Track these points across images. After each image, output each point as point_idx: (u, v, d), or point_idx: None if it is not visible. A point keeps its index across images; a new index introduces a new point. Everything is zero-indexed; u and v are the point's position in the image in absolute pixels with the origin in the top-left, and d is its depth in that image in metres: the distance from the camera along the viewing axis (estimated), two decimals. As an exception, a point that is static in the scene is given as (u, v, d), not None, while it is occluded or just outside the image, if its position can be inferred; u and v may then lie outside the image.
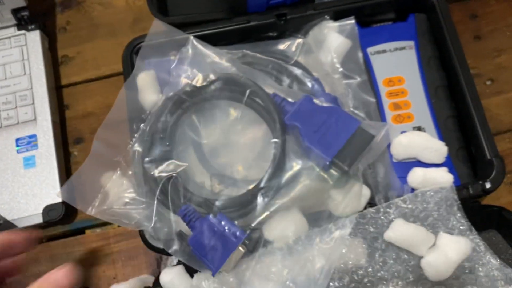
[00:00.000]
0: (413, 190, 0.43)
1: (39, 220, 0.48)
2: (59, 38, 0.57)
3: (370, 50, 0.50)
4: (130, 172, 0.44)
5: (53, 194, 0.48)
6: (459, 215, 0.42)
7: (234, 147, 0.46)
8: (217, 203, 0.41)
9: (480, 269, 0.40)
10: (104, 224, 0.51)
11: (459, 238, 0.40)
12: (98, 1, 0.59)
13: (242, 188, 0.44)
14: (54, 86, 0.54)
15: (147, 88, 0.46)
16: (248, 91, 0.44)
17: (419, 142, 0.44)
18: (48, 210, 0.48)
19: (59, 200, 0.48)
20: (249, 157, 0.46)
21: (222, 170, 0.45)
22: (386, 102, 0.48)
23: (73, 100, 0.54)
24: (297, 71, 0.47)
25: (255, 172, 0.45)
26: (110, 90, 0.54)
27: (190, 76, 0.46)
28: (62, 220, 0.49)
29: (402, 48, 0.50)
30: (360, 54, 0.48)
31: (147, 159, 0.43)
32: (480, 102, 0.45)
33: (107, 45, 0.56)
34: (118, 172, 0.44)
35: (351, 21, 0.49)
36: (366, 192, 0.43)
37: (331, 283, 0.40)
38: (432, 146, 0.44)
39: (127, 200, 0.43)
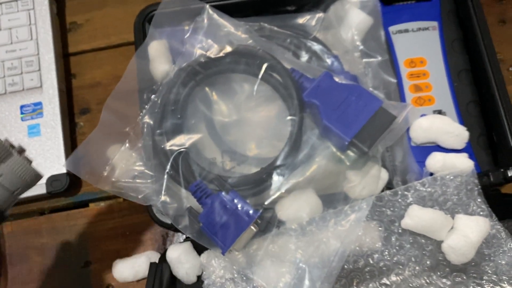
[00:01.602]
0: (431, 175, 0.42)
1: (42, 190, 0.46)
2: (67, 4, 0.55)
3: (392, 29, 0.48)
4: (140, 145, 0.42)
5: (58, 164, 0.47)
6: (479, 200, 0.40)
7: (247, 124, 0.44)
8: (230, 180, 0.39)
9: (501, 256, 0.39)
10: (109, 197, 0.49)
11: (477, 217, 0.39)
12: (109, -33, 0.57)
13: (254, 166, 0.43)
14: (61, 53, 0.52)
15: (159, 57, 0.44)
16: (265, 65, 0.42)
17: (440, 126, 0.43)
18: (52, 180, 0.46)
19: (64, 171, 0.46)
20: (262, 135, 0.44)
21: (233, 147, 0.44)
22: (407, 83, 0.46)
23: (81, 69, 0.53)
24: (316, 47, 0.46)
25: (267, 150, 0.43)
26: (119, 60, 0.52)
27: (205, 47, 0.44)
28: (66, 192, 0.47)
29: (425, 29, 0.48)
30: (382, 33, 0.47)
31: (158, 131, 0.41)
32: (506, 89, 0.43)
33: (118, 13, 0.54)
34: (127, 144, 0.42)
35: (373, -3, 0.47)
36: (384, 175, 0.41)
37: (345, 266, 0.38)
38: (453, 131, 0.43)
39: (135, 173, 0.42)
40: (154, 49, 0.44)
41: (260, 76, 0.42)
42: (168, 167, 0.40)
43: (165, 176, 0.40)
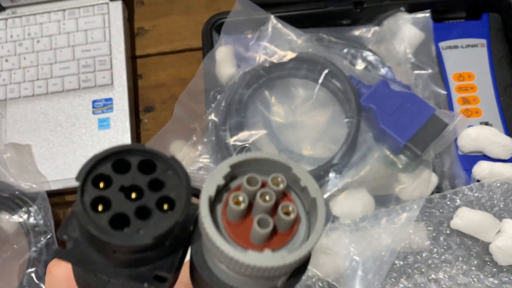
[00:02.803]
0: (478, 182, 0.44)
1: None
2: (136, 11, 0.59)
3: (441, 44, 0.51)
4: (205, 140, 0.46)
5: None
6: (525, 209, 0.42)
7: (303, 126, 0.47)
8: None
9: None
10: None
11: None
12: (175, -21, 0.61)
13: (309, 165, 0.46)
14: (130, 55, 0.56)
15: (226, 61, 0.48)
16: (326, 71, 0.46)
17: (487, 136, 0.45)
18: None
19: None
20: (317, 137, 0.47)
21: (289, 146, 0.47)
22: (455, 95, 0.49)
23: (146, 70, 0.57)
24: (371, 57, 0.49)
25: (321, 151, 0.46)
26: (182, 64, 0.56)
27: (268, 53, 0.48)
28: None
29: (474, 46, 0.51)
30: (433, 47, 0.50)
31: (222, 127, 0.45)
32: (552, 103, 0.46)
33: (182, 21, 0.58)
34: (194, 138, 0.45)
35: (426, 14, 0.50)
36: (434, 179, 0.44)
37: (395, 261, 0.41)
38: (500, 141, 0.45)
39: (201, 165, 0.45)
40: (221, 53, 0.48)
41: (320, 81, 0.46)
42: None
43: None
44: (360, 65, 0.49)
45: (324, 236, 0.42)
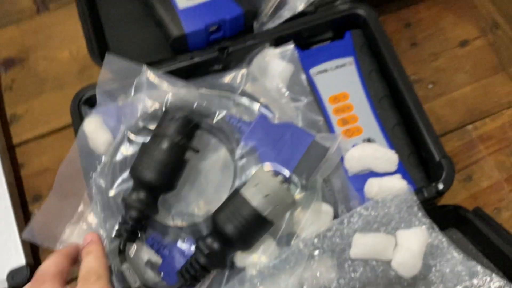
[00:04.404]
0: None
1: (4, 286, 0.46)
2: (6, 98, 0.56)
3: (312, 71, 0.51)
4: (94, 207, 0.43)
5: (16, 257, 0.47)
6: (420, 214, 0.43)
7: (193, 179, 0.46)
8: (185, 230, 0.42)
9: (445, 265, 0.41)
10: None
11: (414, 229, 0.41)
12: (42, 55, 0.59)
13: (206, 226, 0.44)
14: (5, 146, 0.53)
15: (97, 132, 0.46)
16: (204, 117, 0.45)
17: (370, 154, 0.46)
18: (13, 275, 0.46)
19: (23, 263, 0.47)
20: (210, 189, 0.46)
21: (182, 208, 0.45)
22: (334, 119, 0.49)
23: (27, 158, 0.54)
24: (245, 100, 0.49)
25: (217, 204, 0.45)
26: (63, 142, 0.54)
27: (146, 106, 0.47)
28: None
29: (343, 65, 0.52)
30: (304, 76, 0.50)
31: (110, 191, 0.43)
32: (422, 108, 0.47)
33: (56, 98, 0.56)
34: (82, 206, 0.43)
35: (290, 46, 0.51)
36: (328, 209, 0.43)
37: (306, 303, 0.40)
38: (383, 156, 0.46)
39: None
40: (91, 125, 0.46)
41: (199, 128, 0.45)
42: (123, 224, 0.41)
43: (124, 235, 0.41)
44: (237, 108, 0.48)
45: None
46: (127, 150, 0.44)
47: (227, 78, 0.51)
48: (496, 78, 0.55)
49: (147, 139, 0.43)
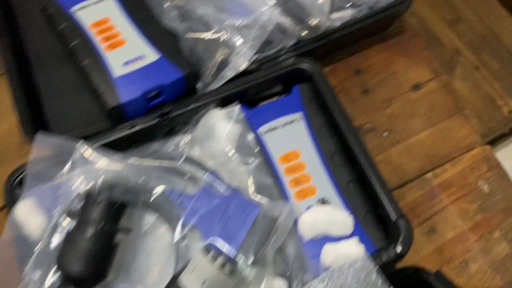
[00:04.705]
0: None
1: None
2: None
3: (261, 130, 0.49)
4: None
5: None
6: (379, 282, 0.40)
7: (128, 263, 0.43)
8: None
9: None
10: None
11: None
12: (-20, 130, 0.56)
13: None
14: None
15: (30, 216, 0.43)
16: (140, 195, 0.42)
17: (324, 217, 0.43)
18: None
19: None
20: (149, 274, 0.43)
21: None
22: (286, 179, 0.47)
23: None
24: (190, 168, 0.46)
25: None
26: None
27: (81, 186, 0.43)
28: None
29: (292, 121, 0.49)
30: (252, 137, 0.48)
31: (45, 283, 0.39)
32: (374, 165, 0.45)
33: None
34: None
35: (236, 107, 0.49)
36: (281, 285, 0.41)
37: None
38: (338, 219, 0.43)
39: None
40: (22, 211, 0.43)
41: (137, 206, 0.42)
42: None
43: None
44: (180, 177, 0.46)
45: None
46: (60, 238, 0.41)
47: (171, 144, 0.49)
48: (452, 120, 0.54)
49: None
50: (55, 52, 0.55)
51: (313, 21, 0.49)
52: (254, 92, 0.51)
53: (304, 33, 0.50)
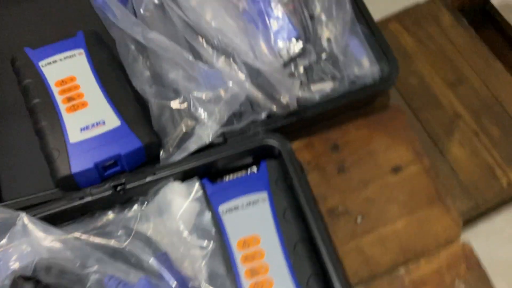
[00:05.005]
0: None
1: None
2: None
3: (221, 208, 0.45)
4: None
5: None
6: None
7: None
8: None
9: None
10: None
11: None
12: None
13: None
14: None
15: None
16: (77, 282, 0.39)
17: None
18: None
19: None
20: None
21: None
22: (242, 269, 0.43)
23: None
24: (137, 250, 0.42)
25: None
26: None
27: (21, 262, 0.40)
28: None
29: (255, 202, 0.46)
30: (209, 217, 0.44)
31: None
32: (339, 263, 0.41)
33: None
34: None
35: (196, 183, 0.45)
36: None
37: None
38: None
39: None
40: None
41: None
42: None
43: None
44: (124, 260, 0.42)
45: None
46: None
47: (125, 215, 0.45)
48: (432, 209, 0.50)
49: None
50: (20, 106, 0.53)
51: (284, 98, 0.46)
52: (220, 166, 0.48)
53: (275, 108, 0.47)
